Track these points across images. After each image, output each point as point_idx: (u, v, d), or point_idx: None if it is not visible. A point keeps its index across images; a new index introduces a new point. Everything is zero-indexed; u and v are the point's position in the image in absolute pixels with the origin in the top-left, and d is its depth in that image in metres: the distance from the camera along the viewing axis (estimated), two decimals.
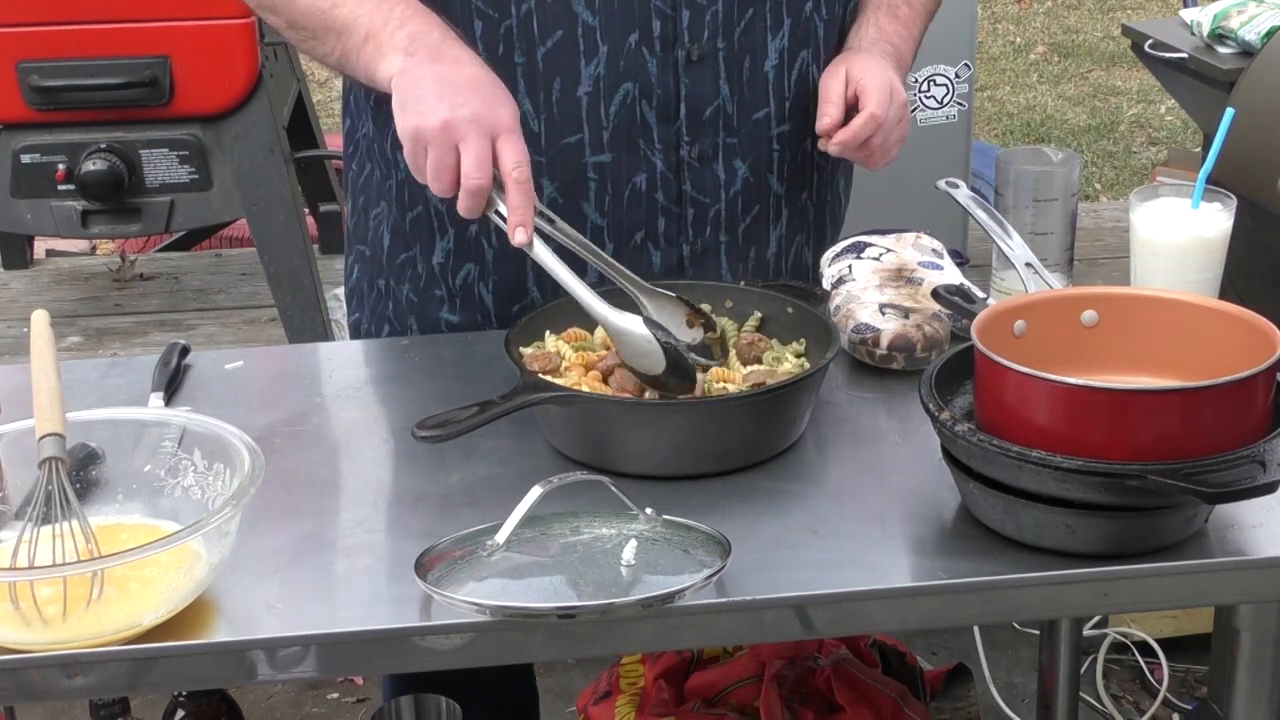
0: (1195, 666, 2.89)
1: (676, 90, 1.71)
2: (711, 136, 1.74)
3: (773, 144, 1.77)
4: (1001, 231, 1.78)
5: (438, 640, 1.28)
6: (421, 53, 1.55)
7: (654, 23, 1.68)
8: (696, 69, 1.71)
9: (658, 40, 1.69)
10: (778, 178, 1.80)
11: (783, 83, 1.75)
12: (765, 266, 1.82)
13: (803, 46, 1.76)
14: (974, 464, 1.35)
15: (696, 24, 1.69)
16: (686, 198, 1.75)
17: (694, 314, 1.61)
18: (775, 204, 1.81)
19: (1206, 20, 2.70)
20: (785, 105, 1.76)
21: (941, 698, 2.18)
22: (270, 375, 1.73)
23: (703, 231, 1.78)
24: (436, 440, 1.42)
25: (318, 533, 1.41)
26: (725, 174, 1.76)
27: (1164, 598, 1.42)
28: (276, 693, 2.95)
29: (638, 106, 1.70)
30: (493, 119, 1.51)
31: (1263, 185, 2.33)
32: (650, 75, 1.69)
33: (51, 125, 2.97)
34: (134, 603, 1.26)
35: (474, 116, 1.50)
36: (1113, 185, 5.55)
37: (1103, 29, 7.24)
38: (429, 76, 1.53)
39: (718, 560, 1.30)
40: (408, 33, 1.57)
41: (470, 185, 1.50)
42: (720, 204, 1.77)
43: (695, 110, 1.72)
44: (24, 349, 3.09)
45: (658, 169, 1.72)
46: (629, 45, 1.68)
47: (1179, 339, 1.43)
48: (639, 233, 1.76)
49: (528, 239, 1.50)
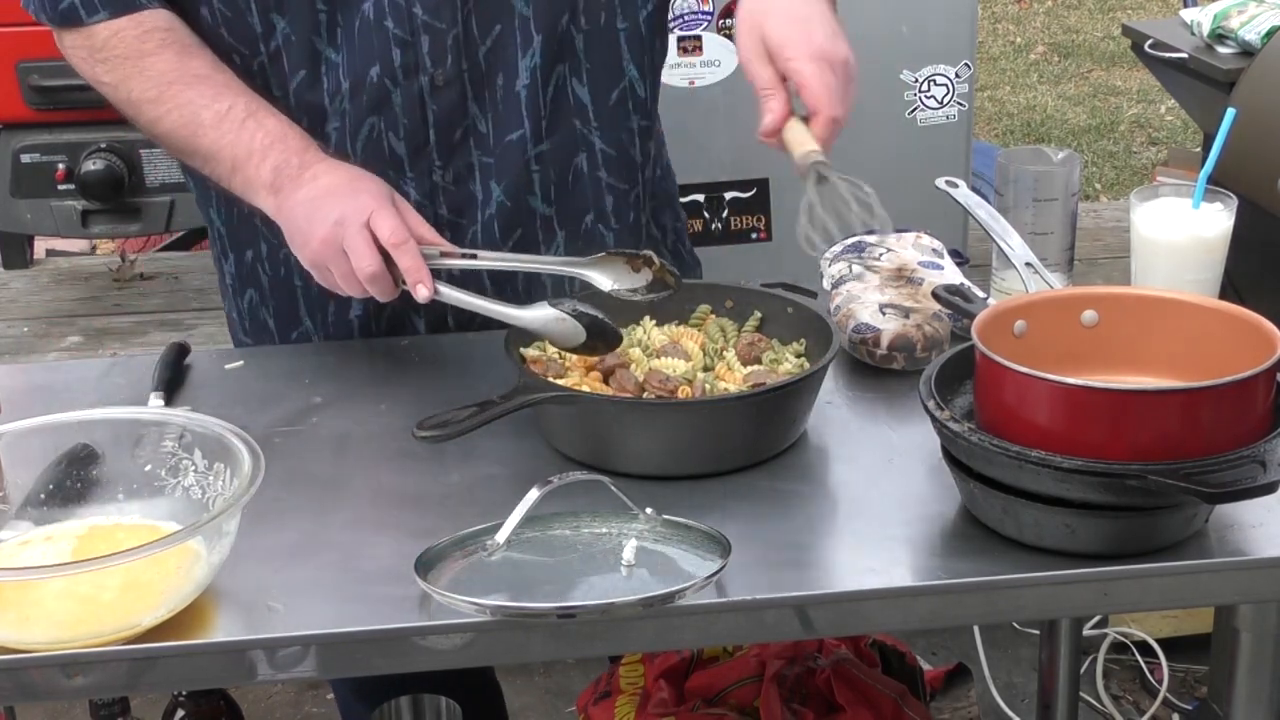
0: (1195, 666, 2.89)
1: (424, 118, 1.72)
2: (465, 157, 1.74)
3: (530, 165, 1.77)
4: (1001, 231, 1.78)
5: (438, 640, 1.28)
6: (286, 186, 1.62)
7: (394, 51, 1.68)
8: (442, 94, 1.71)
9: (399, 69, 1.69)
10: (542, 199, 1.79)
11: (537, 102, 1.74)
12: (542, 288, 1.81)
13: (558, 61, 1.74)
14: (974, 464, 1.35)
15: (438, 49, 1.69)
16: (444, 221, 1.76)
17: (634, 259, 1.62)
18: (545, 225, 1.80)
19: (1206, 20, 2.70)
20: (542, 124, 1.75)
21: (941, 698, 2.18)
22: (270, 375, 1.73)
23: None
24: (436, 440, 1.42)
25: (318, 533, 1.41)
26: (482, 195, 1.76)
27: (1164, 598, 1.42)
28: (276, 693, 2.95)
29: (384, 139, 1.72)
30: (356, 209, 1.57)
31: (1263, 185, 2.33)
32: (395, 106, 1.70)
33: (51, 125, 2.97)
34: (133, 603, 1.26)
35: (340, 218, 1.56)
36: (1113, 185, 5.55)
37: (1103, 29, 7.24)
38: (298, 206, 1.61)
39: (718, 560, 1.30)
40: (270, 167, 1.63)
41: (365, 275, 1.57)
42: (477, 225, 1.77)
43: (445, 134, 1.72)
44: (24, 349, 3.10)
45: (411, 198, 1.72)
46: (371, 78, 1.69)
47: (1179, 339, 1.43)
48: None
49: (429, 293, 1.57)
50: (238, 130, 1.64)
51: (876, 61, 2.98)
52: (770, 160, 3.02)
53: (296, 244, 1.62)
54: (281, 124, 1.65)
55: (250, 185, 1.64)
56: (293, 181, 1.62)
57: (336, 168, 1.63)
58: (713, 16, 2.97)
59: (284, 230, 1.63)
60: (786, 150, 1.56)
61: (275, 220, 1.64)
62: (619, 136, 1.81)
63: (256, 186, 1.64)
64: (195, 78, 1.66)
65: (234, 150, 1.64)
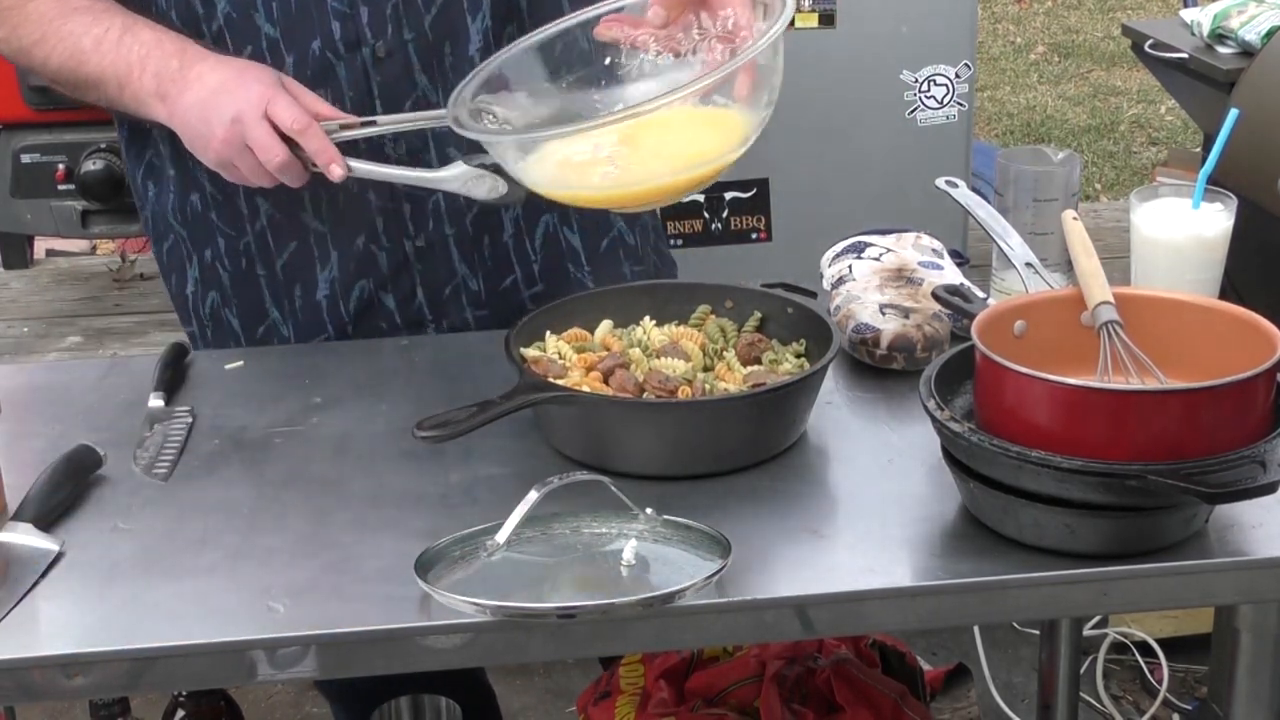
0: (1195, 666, 2.89)
1: (369, 90, 1.72)
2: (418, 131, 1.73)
3: None
4: (1001, 231, 1.78)
5: (438, 640, 1.28)
6: (172, 91, 1.63)
7: (333, 25, 1.69)
8: (385, 66, 1.71)
9: (340, 43, 1.70)
10: None
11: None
12: (504, 252, 1.81)
13: (508, 22, 1.74)
14: (974, 464, 1.35)
15: (377, 20, 1.69)
16: (401, 194, 1.76)
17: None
18: None
19: (1206, 20, 2.70)
20: None
21: (941, 698, 2.18)
22: (270, 375, 1.73)
23: (425, 226, 1.78)
24: (436, 440, 1.42)
25: (318, 533, 1.41)
26: (439, 164, 1.74)
27: (1164, 598, 1.42)
28: (276, 693, 2.95)
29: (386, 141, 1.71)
30: (250, 102, 1.59)
31: (1263, 185, 2.34)
32: (340, 79, 1.71)
33: (51, 125, 2.98)
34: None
35: (236, 115, 1.58)
36: (1113, 185, 5.55)
37: (1103, 29, 7.25)
38: (190, 110, 1.62)
39: (718, 560, 1.30)
40: (151, 75, 1.64)
41: (274, 167, 1.59)
42: (439, 196, 1.77)
43: (392, 107, 1.72)
44: (24, 349, 3.10)
45: None
46: (313, 51, 1.70)
47: (1179, 339, 1.42)
48: (360, 237, 1.78)
49: (343, 171, 1.60)
50: (115, 48, 1.65)
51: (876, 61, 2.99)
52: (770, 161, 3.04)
53: (197, 148, 1.63)
54: (157, 33, 1.66)
55: (139, 99, 1.65)
56: (177, 84, 1.63)
57: (220, 64, 1.64)
58: None
59: (181, 136, 1.64)
60: None
61: (170, 127, 1.65)
62: None
63: (144, 98, 1.65)
64: (74, 10, 1.68)
65: (115, 69, 1.65)
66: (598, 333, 1.64)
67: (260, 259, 1.79)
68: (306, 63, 1.70)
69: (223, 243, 1.81)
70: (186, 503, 1.46)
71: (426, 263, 1.80)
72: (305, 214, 1.77)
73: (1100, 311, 1.42)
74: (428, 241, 1.79)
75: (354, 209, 1.77)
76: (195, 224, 1.82)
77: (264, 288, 1.82)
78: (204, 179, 1.78)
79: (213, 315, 1.87)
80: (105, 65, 1.66)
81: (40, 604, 1.32)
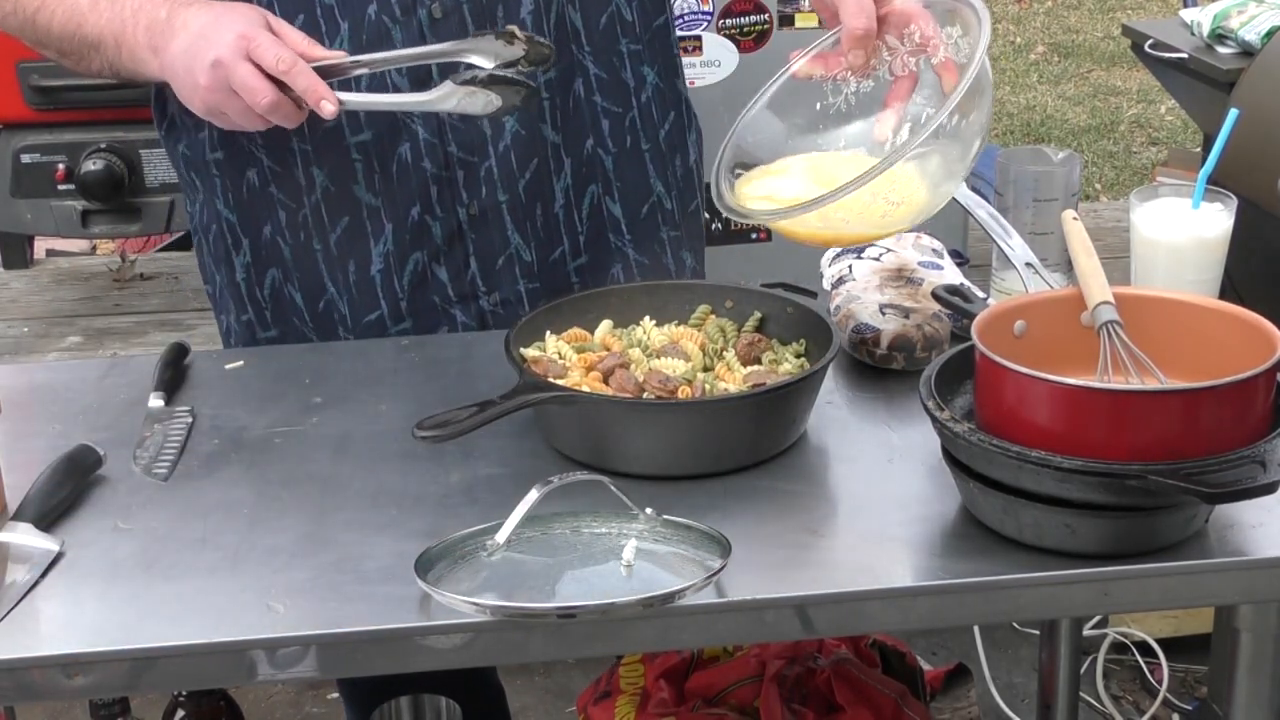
0: (1195, 666, 2.89)
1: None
2: None
3: (540, 90, 1.75)
4: (1001, 231, 1.78)
5: (438, 640, 1.28)
6: (159, 41, 1.62)
7: None
8: (441, 26, 1.70)
9: (396, 6, 1.69)
10: (551, 126, 1.79)
11: (543, 28, 1.74)
12: (554, 222, 1.82)
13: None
14: (974, 464, 1.35)
15: None
16: (455, 159, 1.75)
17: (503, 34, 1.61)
18: (554, 154, 1.80)
19: (1206, 20, 2.70)
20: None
21: (941, 698, 2.18)
22: (270, 375, 1.73)
23: (478, 192, 1.78)
24: (436, 440, 1.42)
25: (318, 533, 1.41)
26: (492, 129, 1.75)
27: (1164, 598, 1.42)
28: (276, 693, 2.95)
29: (388, 79, 1.71)
30: (232, 45, 1.56)
31: (1263, 185, 2.33)
32: (396, 42, 1.69)
33: (51, 125, 2.97)
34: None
35: (217, 59, 1.56)
36: (1113, 185, 5.55)
37: (1103, 29, 7.25)
38: (177, 59, 1.60)
39: (718, 560, 1.30)
40: (144, 28, 1.63)
41: (263, 108, 1.57)
42: (491, 160, 1.77)
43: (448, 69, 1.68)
44: (24, 349, 3.10)
45: (420, 136, 1.73)
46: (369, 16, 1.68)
47: (1179, 339, 1.42)
48: (414, 207, 1.77)
49: (335, 108, 1.57)
50: (111, 5, 1.65)
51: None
52: None
53: (186, 97, 1.62)
54: None
55: (135, 56, 1.64)
56: (164, 34, 1.61)
57: (204, 8, 1.62)
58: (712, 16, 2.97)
59: (174, 88, 1.63)
60: None
61: (164, 80, 1.64)
62: (610, 60, 1.81)
63: (139, 54, 1.64)
64: None
65: (112, 26, 1.65)
66: (598, 333, 1.64)
67: (316, 233, 1.77)
68: (362, 28, 1.69)
69: (283, 215, 1.79)
70: (186, 503, 1.46)
71: (480, 231, 1.80)
72: (358, 187, 1.76)
73: (1100, 311, 1.42)
74: (481, 209, 1.78)
75: (405, 178, 1.76)
76: (252, 201, 1.81)
77: (320, 262, 1.81)
78: (261, 153, 1.77)
79: (273, 294, 1.85)
80: (103, 24, 1.65)
81: (40, 604, 1.32)
